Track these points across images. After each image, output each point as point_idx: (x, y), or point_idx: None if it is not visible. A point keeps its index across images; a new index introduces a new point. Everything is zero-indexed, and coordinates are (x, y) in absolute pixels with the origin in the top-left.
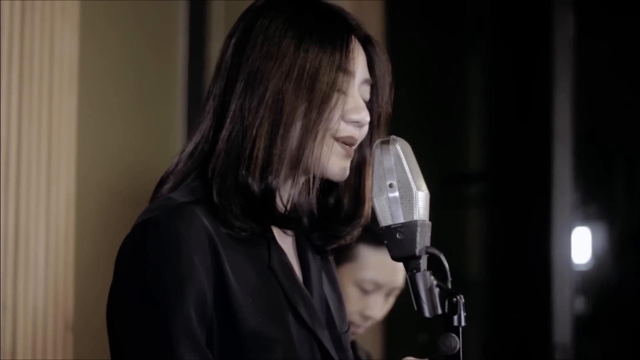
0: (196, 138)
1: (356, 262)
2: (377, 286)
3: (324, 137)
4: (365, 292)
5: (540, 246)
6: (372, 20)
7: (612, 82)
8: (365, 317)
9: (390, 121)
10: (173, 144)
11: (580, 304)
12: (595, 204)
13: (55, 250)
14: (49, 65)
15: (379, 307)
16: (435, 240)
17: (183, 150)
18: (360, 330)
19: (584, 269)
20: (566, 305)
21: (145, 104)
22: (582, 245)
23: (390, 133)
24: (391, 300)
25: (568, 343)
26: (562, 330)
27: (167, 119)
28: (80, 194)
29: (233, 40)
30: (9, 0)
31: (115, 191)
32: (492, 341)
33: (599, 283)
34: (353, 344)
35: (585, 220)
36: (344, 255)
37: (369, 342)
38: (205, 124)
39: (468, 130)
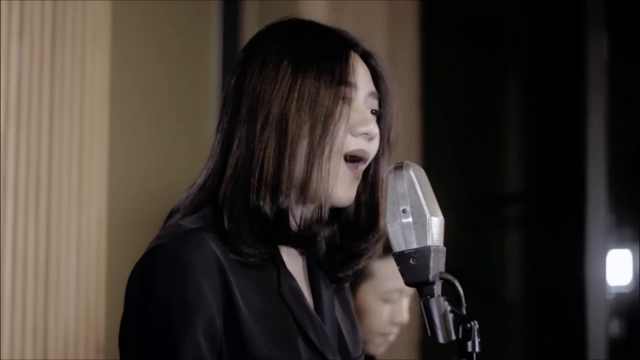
0: (206, 172)
1: (374, 277)
2: (401, 292)
3: (331, 152)
4: (391, 302)
5: (574, 268)
6: (407, 40)
7: None
8: (395, 324)
9: (424, 141)
10: None
11: (615, 327)
12: (630, 225)
13: (86, 273)
14: (80, 87)
15: (404, 310)
16: (472, 261)
17: (193, 184)
18: (392, 338)
19: (619, 291)
20: (601, 328)
21: (177, 123)
22: (617, 267)
23: (426, 153)
24: (408, 300)
25: None
26: (597, 352)
27: (200, 139)
28: (111, 215)
29: (235, 71)
30: (39, 21)
31: (147, 212)
32: None
33: (634, 305)
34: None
35: (620, 242)
36: (361, 275)
37: None
38: (214, 157)
39: (504, 152)
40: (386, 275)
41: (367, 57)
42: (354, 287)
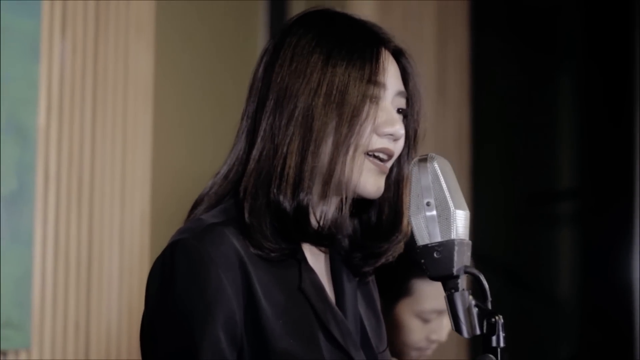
0: (230, 160)
1: (413, 295)
2: (439, 313)
3: (355, 151)
4: (427, 321)
5: (623, 266)
6: (457, 36)
7: None
8: (432, 341)
9: (475, 137)
10: None
11: None
12: None
13: (129, 269)
14: (123, 82)
15: (443, 329)
16: (523, 258)
17: (217, 173)
18: (429, 352)
19: None
20: None
21: (221, 118)
22: None
23: (477, 149)
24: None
25: None
26: None
27: None
28: (154, 211)
29: (264, 60)
30: (82, 17)
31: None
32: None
33: None
34: None
35: None
36: (400, 291)
37: None
38: (240, 146)
39: (556, 148)
40: (425, 294)
41: (398, 55)
42: (392, 302)
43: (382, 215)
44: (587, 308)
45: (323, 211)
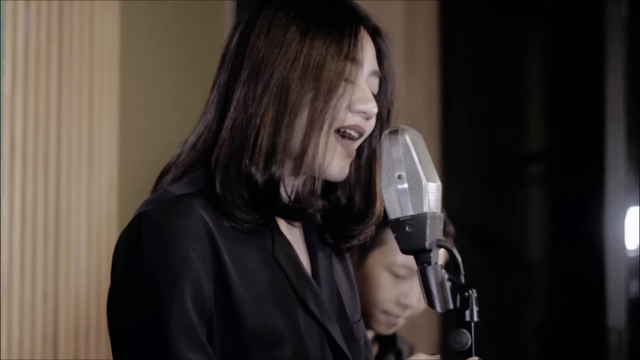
0: (199, 129)
1: (386, 245)
2: (411, 271)
3: (329, 127)
4: (398, 277)
5: (593, 228)
6: (426, 1)
7: None
8: (403, 306)
9: (444, 101)
10: None
11: (635, 287)
12: None
13: (97, 235)
14: (89, 47)
15: (416, 295)
16: (493, 220)
17: (186, 142)
18: (400, 321)
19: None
20: (620, 288)
21: (189, 83)
22: (636, 229)
23: (446, 112)
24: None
25: (623, 327)
26: (616, 312)
27: None
28: (122, 177)
29: (239, 29)
30: None
31: (158, 173)
32: (549, 322)
33: None
34: (393, 337)
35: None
36: (373, 240)
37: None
38: (209, 115)
39: (525, 111)
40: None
41: (374, 34)
42: (364, 253)
43: (354, 197)
44: (558, 270)
45: (294, 185)
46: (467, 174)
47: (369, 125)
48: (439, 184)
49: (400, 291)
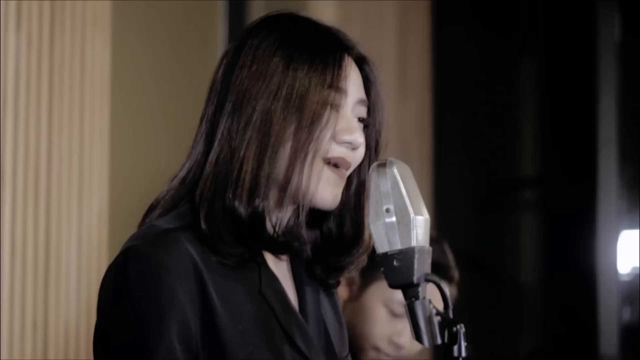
0: (188, 164)
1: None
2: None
3: (314, 158)
4: (394, 315)
5: (585, 253)
6: (419, 23)
7: None
8: (395, 345)
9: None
10: None
11: (627, 314)
12: None
13: (87, 266)
14: (80, 77)
15: (407, 335)
16: (485, 245)
17: (175, 176)
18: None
19: (631, 276)
20: (613, 315)
21: (180, 114)
22: (630, 253)
23: (439, 137)
24: None
25: (615, 353)
26: (609, 340)
27: None
28: (113, 208)
29: (224, 62)
30: (37, 10)
31: (149, 203)
32: (542, 349)
33: None
34: None
35: (633, 227)
36: (374, 273)
37: None
38: (198, 149)
39: (517, 136)
40: None
41: (361, 62)
42: (365, 284)
43: (343, 227)
44: (550, 296)
45: (279, 218)
46: (460, 199)
47: (357, 156)
48: (427, 217)
49: (394, 329)
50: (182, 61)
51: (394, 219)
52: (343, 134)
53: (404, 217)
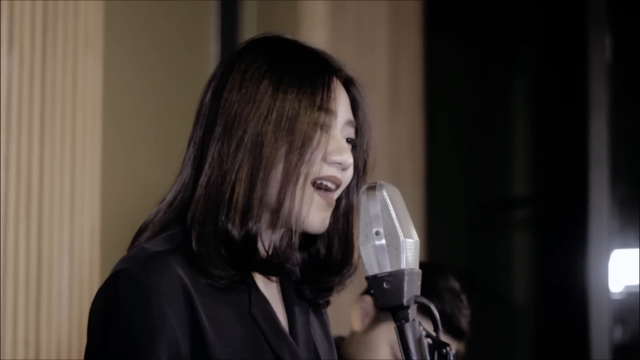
0: (176, 187)
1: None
2: None
3: (305, 181)
4: (397, 358)
5: (577, 272)
6: (410, 40)
7: None
8: None
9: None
10: None
11: (619, 333)
12: (635, 229)
13: (79, 283)
14: (72, 95)
15: None
16: (477, 264)
17: (163, 200)
18: None
19: (623, 295)
20: (604, 334)
21: (172, 131)
22: (623, 269)
23: (431, 156)
24: None
25: None
26: (601, 357)
27: None
28: (104, 225)
29: (212, 85)
30: (29, 29)
31: (140, 222)
32: None
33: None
34: None
35: (624, 246)
36: (386, 314)
37: None
38: (186, 173)
39: (509, 155)
40: None
41: (348, 84)
42: (376, 322)
43: (332, 248)
44: (542, 315)
45: (272, 240)
46: (452, 219)
47: (346, 176)
48: (417, 239)
49: None
50: (174, 80)
51: (383, 241)
52: (333, 155)
53: (394, 239)
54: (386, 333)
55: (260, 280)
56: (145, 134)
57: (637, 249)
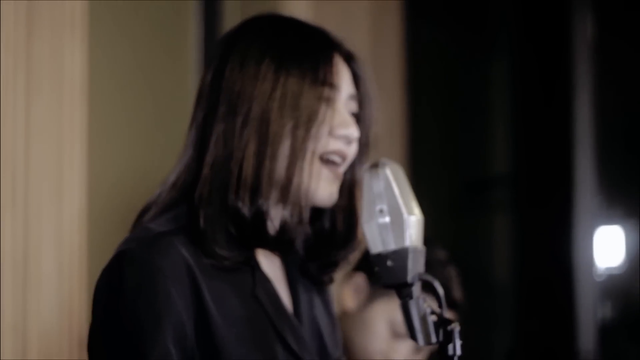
0: (179, 168)
1: (394, 300)
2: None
3: (313, 156)
4: (396, 334)
5: (562, 251)
6: (391, 23)
7: (634, 80)
8: None
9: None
10: None
11: (606, 309)
12: (620, 206)
13: (67, 269)
14: (58, 81)
15: (408, 355)
16: (459, 245)
17: (165, 181)
18: None
19: (609, 273)
20: (590, 310)
21: (156, 118)
22: (607, 248)
23: (411, 137)
24: (423, 355)
25: (592, 349)
26: (586, 336)
27: (180, 134)
28: (91, 210)
29: (212, 66)
30: (13, 15)
31: (127, 207)
32: (518, 348)
33: (625, 287)
34: None
35: (610, 223)
36: (382, 290)
37: None
38: (189, 153)
39: (491, 134)
40: None
41: (349, 59)
42: (372, 298)
43: (337, 222)
44: (527, 294)
45: (282, 215)
46: (434, 199)
47: (352, 150)
48: (420, 217)
49: (392, 347)
50: (160, 59)
51: (387, 219)
52: (339, 128)
53: (397, 217)
54: (383, 310)
55: (263, 260)
56: (131, 119)
57: (622, 226)
